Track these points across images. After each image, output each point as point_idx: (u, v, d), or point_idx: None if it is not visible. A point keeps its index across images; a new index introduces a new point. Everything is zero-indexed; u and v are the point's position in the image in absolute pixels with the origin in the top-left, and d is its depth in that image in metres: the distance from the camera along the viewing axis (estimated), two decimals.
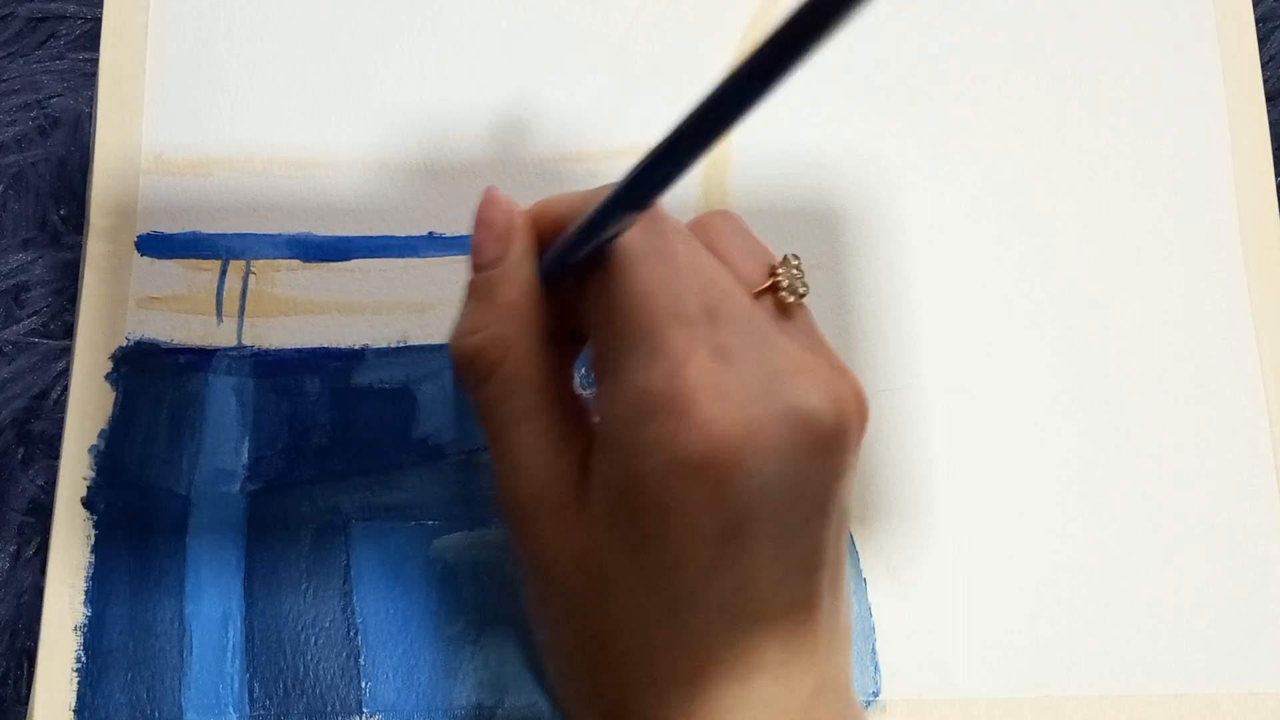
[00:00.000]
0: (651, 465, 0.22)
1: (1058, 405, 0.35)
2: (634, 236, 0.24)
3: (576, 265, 0.25)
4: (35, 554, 0.34)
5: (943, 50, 0.37)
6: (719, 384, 0.22)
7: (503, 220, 0.26)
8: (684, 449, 0.22)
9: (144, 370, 0.33)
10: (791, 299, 0.25)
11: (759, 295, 0.25)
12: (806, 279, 0.26)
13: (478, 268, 0.26)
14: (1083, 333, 0.35)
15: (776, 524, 0.22)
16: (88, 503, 0.32)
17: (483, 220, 0.26)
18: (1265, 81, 0.38)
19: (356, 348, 0.34)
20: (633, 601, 0.23)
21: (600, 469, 0.24)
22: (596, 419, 0.25)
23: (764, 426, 0.22)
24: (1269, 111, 0.38)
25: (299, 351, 0.34)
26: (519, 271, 0.26)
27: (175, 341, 0.34)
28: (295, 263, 0.34)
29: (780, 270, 0.25)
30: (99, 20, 0.37)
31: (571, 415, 0.26)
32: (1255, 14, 0.38)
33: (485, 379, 0.25)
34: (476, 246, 0.26)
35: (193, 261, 0.34)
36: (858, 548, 0.33)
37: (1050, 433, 0.35)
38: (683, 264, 0.24)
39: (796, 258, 0.26)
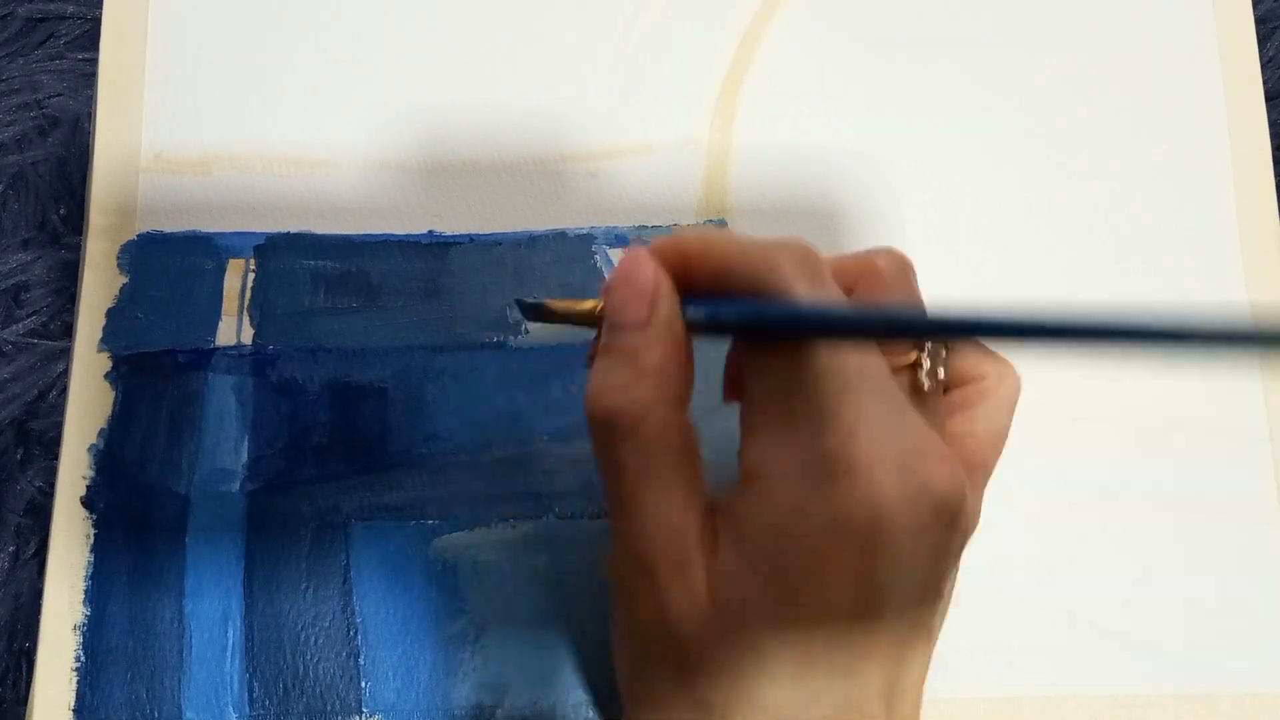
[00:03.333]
0: (812, 527, 0.23)
1: (1057, 405, 0.35)
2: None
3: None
4: (34, 555, 0.34)
5: (943, 50, 0.37)
6: (881, 453, 0.23)
7: (648, 280, 0.25)
8: (849, 514, 0.23)
9: (144, 369, 0.33)
10: (929, 384, 0.25)
11: (896, 370, 0.25)
12: (949, 363, 0.26)
13: (619, 327, 0.25)
14: None
15: (898, 601, 0.24)
16: (87, 502, 0.32)
17: (626, 277, 0.25)
18: (1265, 82, 0.38)
19: (356, 347, 0.34)
20: (759, 656, 0.24)
21: (746, 524, 0.24)
22: (742, 473, 0.25)
23: (904, 501, 0.23)
24: (1269, 111, 0.38)
25: (299, 350, 0.34)
26: (664, 337, 0.25)
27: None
28: None
29: (929, 349, 0.25)
30: (98, 20, 0.37)
31: (696, 473, 0.26)
32: (1255, 14, 0.38)
33: (620, 440, 0.25)
34: (619, 304, 0.25)
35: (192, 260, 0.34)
36: None
37: (1050, 432, 0.34)
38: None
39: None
